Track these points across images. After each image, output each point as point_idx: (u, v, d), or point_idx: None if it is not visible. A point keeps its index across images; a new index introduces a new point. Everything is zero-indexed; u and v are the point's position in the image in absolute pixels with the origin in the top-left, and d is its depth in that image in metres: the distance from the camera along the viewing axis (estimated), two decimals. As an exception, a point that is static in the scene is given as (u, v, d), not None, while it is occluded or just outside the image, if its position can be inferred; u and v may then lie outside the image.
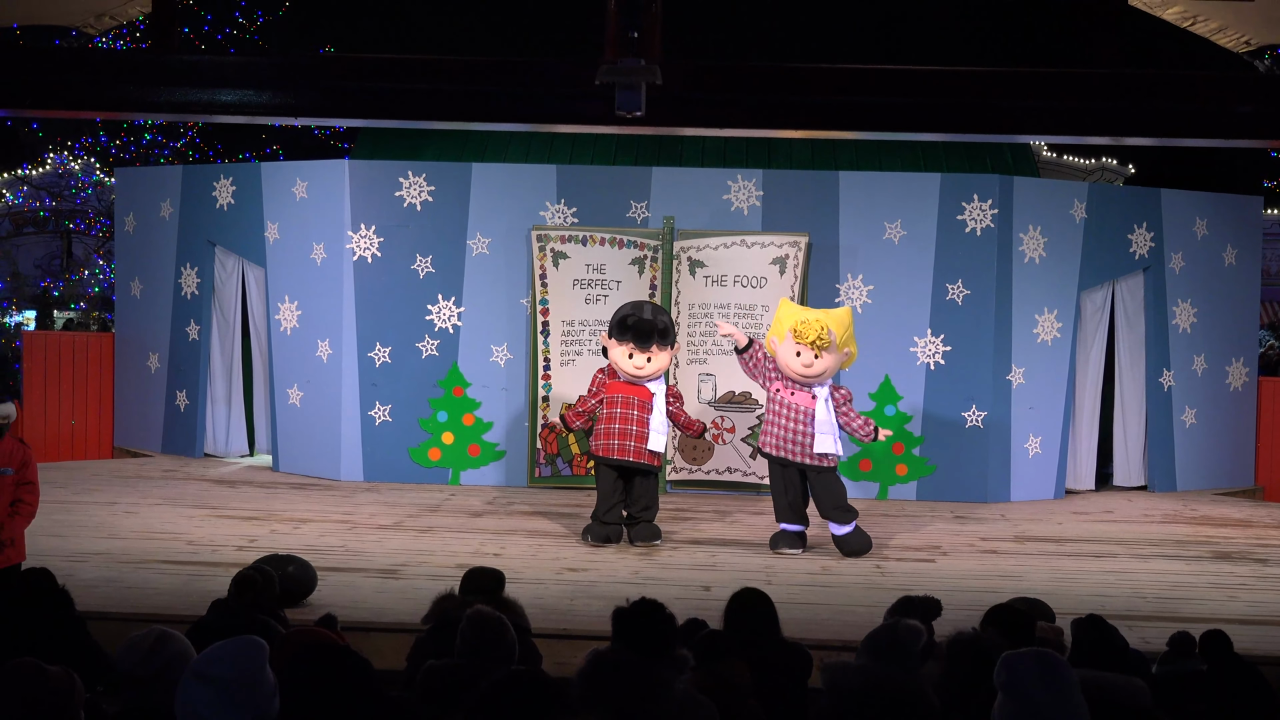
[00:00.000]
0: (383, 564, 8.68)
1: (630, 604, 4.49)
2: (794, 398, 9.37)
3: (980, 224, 11.83)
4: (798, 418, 9.33)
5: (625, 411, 9.43)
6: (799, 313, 9.51)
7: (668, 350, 9.54)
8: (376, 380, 12.18)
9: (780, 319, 9.48)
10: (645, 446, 9.42)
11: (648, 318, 9.43)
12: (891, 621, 4.48)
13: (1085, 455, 12.82)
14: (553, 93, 8.03)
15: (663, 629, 4.40)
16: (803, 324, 9.22)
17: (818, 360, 9.25)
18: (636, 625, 4.37)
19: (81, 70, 8.30)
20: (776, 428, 9.41)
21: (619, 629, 4.39)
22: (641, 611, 4.47)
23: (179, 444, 13.42)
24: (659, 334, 9.40)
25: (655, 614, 4.46)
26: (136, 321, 13.79)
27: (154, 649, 3.72)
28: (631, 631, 4.32)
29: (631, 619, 4.40)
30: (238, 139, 23.97)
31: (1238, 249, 13.01)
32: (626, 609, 4.46)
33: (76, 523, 9.84)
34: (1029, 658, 3.51)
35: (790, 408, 9.36)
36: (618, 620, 4.44)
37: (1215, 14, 8.94)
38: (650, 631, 4.30)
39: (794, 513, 9.46)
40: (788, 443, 9.34)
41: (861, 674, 4.23)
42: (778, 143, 13.09)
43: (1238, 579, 8.96)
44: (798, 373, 9.29)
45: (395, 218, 12.16)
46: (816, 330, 9.19)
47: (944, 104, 7.94)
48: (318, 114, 8.70)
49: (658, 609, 4.48)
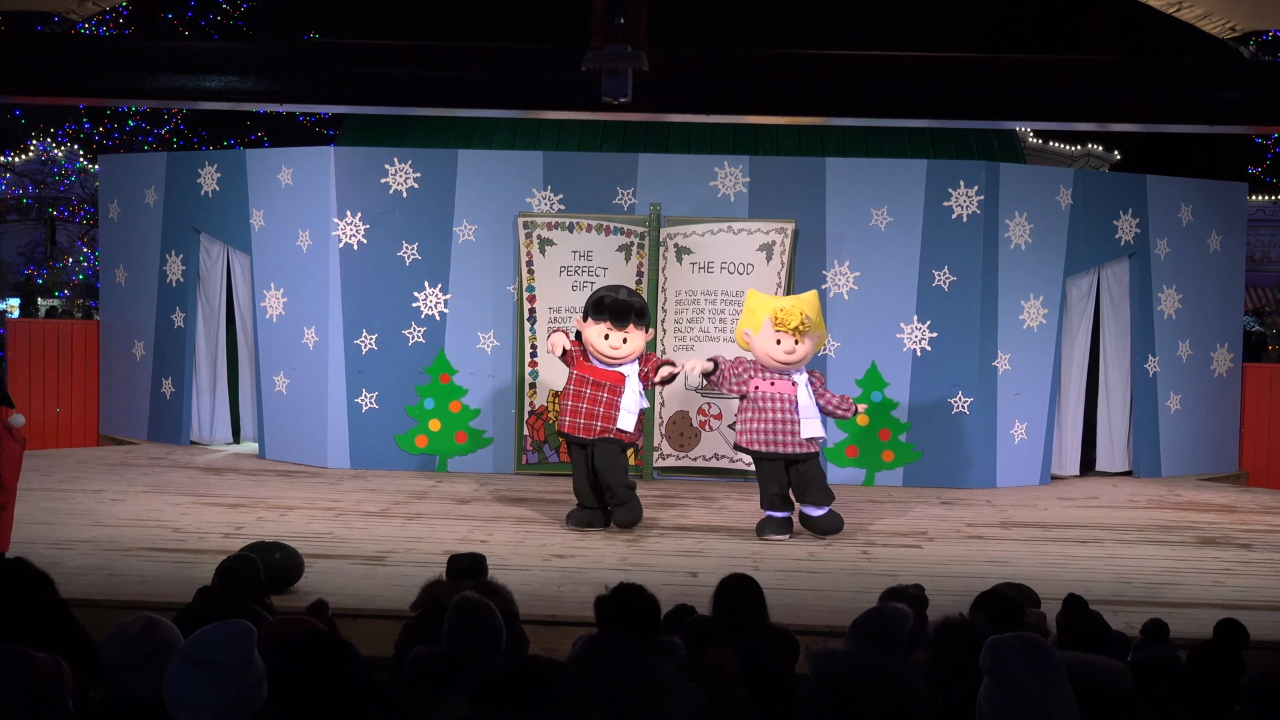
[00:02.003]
0: (370, 551, 8.68)
1: (610, 591, 4.51)
2: (774, 388, 9.36)
3: (966, 210, 11.84)
4: (782, 408, 9.32)
5: (595, 393, 9.38)
6: (773, 301, 9.54)
7: (643, 333, 9.50)
8: (363, 367, 12.16)
9: (752, 310, 9.48)
10: (613, 426, 9.35)
11: (623, 298, 9.43)
12: (878, 606, 4.49)
13: (1071, 441, 12.86)
14: (539, 79, 8.03)
15: (647, 612, 4.42)
16: (783, 311, 9.24)
17: (799, 346, 9.29)
18: (621, 611, 4.39)
19: (64, 56, 8.27)
20: (761, 422, 9.35)
21: (604, 616, 4.41)
22: (624, 597, 4.49)
23: (165, 431, 13.38)
24: (635, 313, 9.37)
25: (637, 598, 4.48)
26: (121, 309, 13.74)
27: (141, 636, 3.71)
28: (617, 617, 4.33)
29: (615, 605, 4.42)
30: (222, 126, 23.85)
31: (1222, 235, 13.05)
32: (608, 596, 4.48)
33: (62, 510, 9.81)
34: (1015, 642, 3.51)
35: (773, 399, 9.34)
36: (601, 608, 4.46)
37: (1201, 0, 8.96)
38: (635, 615, 4.32)
39: (782, 501, 9.49)
40: (776, 434, 9.31)
41: (847, 660, 4.24)
42: (764, 129, 13.08)
43: (1222, 564, 9.01)
44: (779, 360, 9.29)
45: (381, 204, 12.13)
46: (798, 317, 9.22)
47: (930, 90, 7.96)
48: (303, 100, 8.69)
49: (639, 592, 4.50)
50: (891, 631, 4.27)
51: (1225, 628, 5.59)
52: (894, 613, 4.33)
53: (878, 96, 8.03)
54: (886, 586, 5.52)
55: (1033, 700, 3.41)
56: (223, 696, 3.33)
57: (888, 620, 4.29)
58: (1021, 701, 3.41)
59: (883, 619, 4.30)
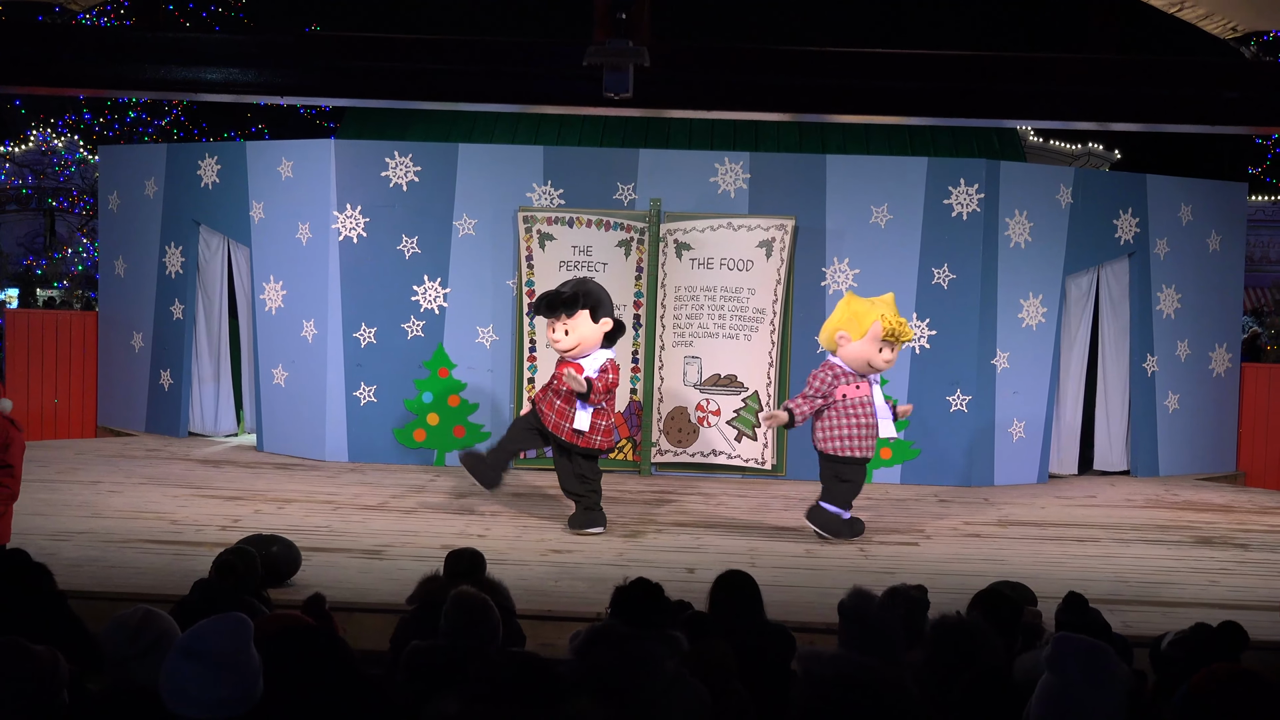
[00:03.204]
0: (367, 545, 8.68)
1: (629, 582, 4.58)
2: (860, 392, 9.27)
3: (966, 208, 11.84)
4: (870, 410, 9.28)
5: (556, 385, 9.25)
6: (878, 308, 9.26)
7: (581, 319, 9.09)
8: (361, 361, 12.16)
9: (856, 314, 9.22)
10: (566, 424, 9.19)
11: (553, 289, 9.22)
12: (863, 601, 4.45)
13: (1070, 440, 12.87)
14: (540, 73, 8.02)
15: (659, 606, 4.48)
16: (900, 325, 9.13)
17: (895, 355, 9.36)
18: (636, 601, 4.44)
19: (65, 47, 8.26)
20: (853, 427, 9.21)
21: (618, 604, 4.46)
22: (642, 589, 4.55)
23: (163, 423, 13.39)
24: (564, 302, 9.00)
25: (655, 593, 4.56)
26: (120, 300, 13.74)
27: (139, 628, 3.71)
28: (630, 607, 4.38)
29: (632, 595, 4.48)
30: (223, 117, 23.86)
31: (1222, 235, 13.05)
32: (627, 586, 4.55)
33: (60, 502, 9.81)
34: (1078, 644, 3.55)
35: (864, 403, 9.26)
36: (618, 596, 4.52)
37: (1203, 1, 8.96)
38: (647, 608, 4.36)
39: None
40: (867, 438, 9.26)
41: (835, 663, 4.23)
42: (765, 125, 13.07)
43: (1219, 564, 9.01)
44: (874, 368, 9.26)
45: (381, 198, 12.13)
46: (912, 333, 9.27)
47: (932, 88, 7.95)
48: (303, 93, 8.67)
49: (657, 589, 4.57)
50: (881, 632, 4.26)
51: (1225, 630, 5.58)
52: (881, 612, 4.32)
53: (879, 94, 8.03)
54: (884, 585, 5.52)
55: (1086, 705, 3.45)
56: (220, 689, 3.33)
57: (875, 621, 4.28)
58: (1073, 704, 3.46)
59: (868, 620, 4.29)
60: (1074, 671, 3.48)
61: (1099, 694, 3.48)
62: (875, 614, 4.30)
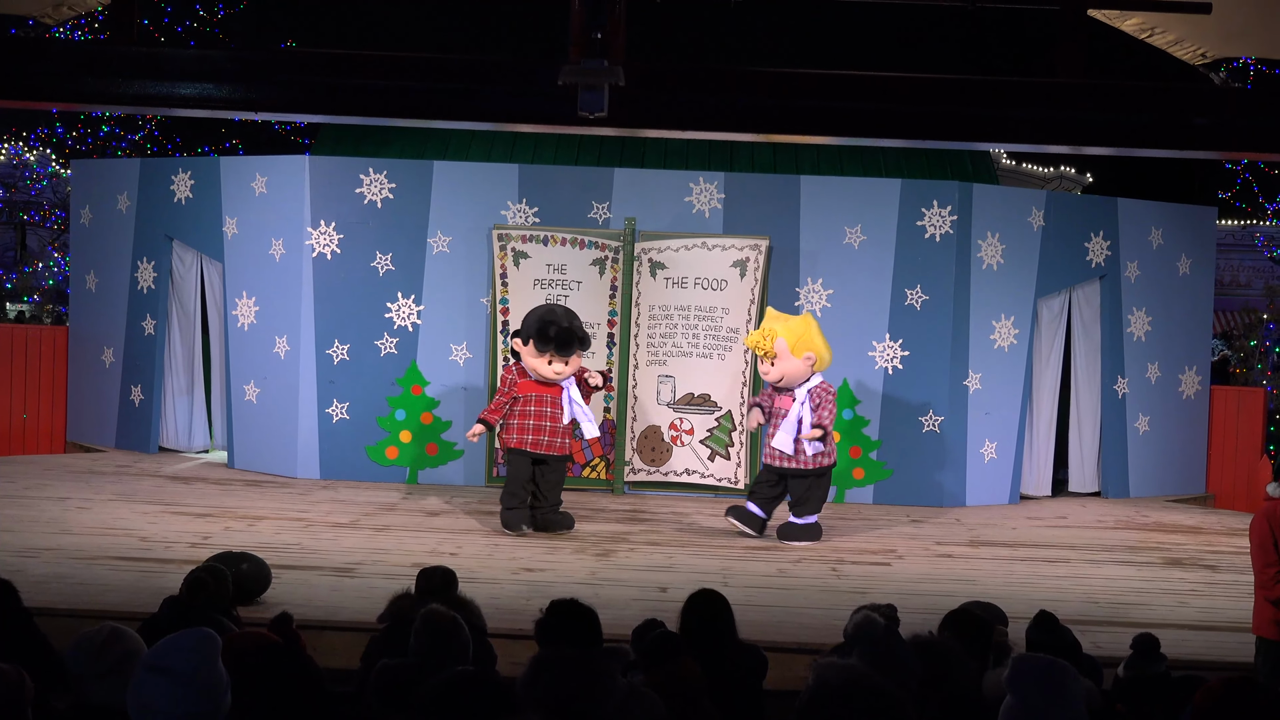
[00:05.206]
0: (338, 562, 8.63)
1: (544, 612, 4.62)
2: (778, 403, 10.00)
3: (939, 230, 11.90)
4: (776, 421, 9.96)
5: (539, 409, 9.93)
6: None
7: (580, 354, 10.06)
8: (334, 378, 12.11)
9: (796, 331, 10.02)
10: (557, 440, 9.96)
11: (566, 326, 9.81)
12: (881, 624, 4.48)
13: (1043, 462, 12.93)
14: (515, 92, 8.02)
15: (587, 622, 4.51)
16: (747, 336, 10.16)
17: (772, 368, 9.93)
18: (561, 625, 4.47)
19: (39, 60, 8.21)
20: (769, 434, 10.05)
21: (545, 636, 4.47)
22: (561, 611, 4.58)
23: (133, 439, 13.29)
24: (579, 341, 9.87)
25: (573, 609, 4.59)
26: (91, 315, 13.65)
27: (105, 646, 3.68)
28: (560, 632, 4.40)
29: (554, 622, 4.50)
30: (197, 132, 23.76)
31: (1192, 259, 13.15)
32: (544, 618, 4.59)
33: (28, 518, 9.73)
34: (1036, 663, 3.60)
35: (778, 414, 9.99)
36: (541, 630, 4.55)
37: (1173, 26, 9.06)
38: (577, 626, 4.38)
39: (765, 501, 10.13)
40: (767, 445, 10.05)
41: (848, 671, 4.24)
42: (739, 146, 13.13)
43: (1188, 585, 9.06)
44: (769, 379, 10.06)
45: (355, 214, 12.10)
46: (754, 339, 9.96)
47: (905, 111, 7.99)
48: (278, 109, 8.63)
49: (573, 604, 4.60)
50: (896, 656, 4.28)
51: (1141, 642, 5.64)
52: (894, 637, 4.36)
53: (853, 115, 8.06)
54: (855, 605, 5.52)
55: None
56: (186, 704, 3.30)
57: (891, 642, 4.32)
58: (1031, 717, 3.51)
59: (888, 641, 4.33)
60: (1033, 691, 3.51)
61: (1060, 713, 3.50)
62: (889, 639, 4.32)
